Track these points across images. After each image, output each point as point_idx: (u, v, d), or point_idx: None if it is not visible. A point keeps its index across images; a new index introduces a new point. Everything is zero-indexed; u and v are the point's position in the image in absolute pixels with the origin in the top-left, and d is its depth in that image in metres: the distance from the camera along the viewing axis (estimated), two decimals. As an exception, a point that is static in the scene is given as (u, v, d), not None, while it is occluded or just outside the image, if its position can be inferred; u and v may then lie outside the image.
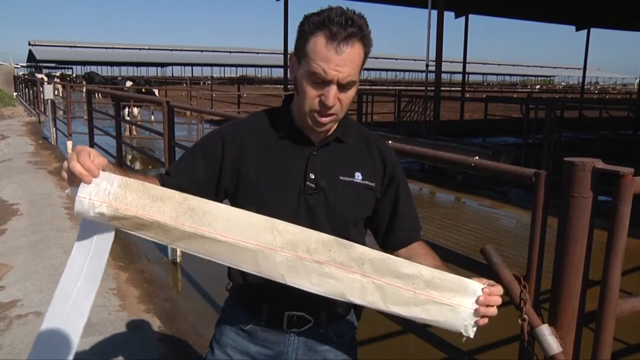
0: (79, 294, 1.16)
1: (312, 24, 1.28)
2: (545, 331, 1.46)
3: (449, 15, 15.77)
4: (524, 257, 1.59)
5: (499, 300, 1.25)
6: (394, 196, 1.48)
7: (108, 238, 1.18)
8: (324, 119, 1.33)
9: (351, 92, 1.33)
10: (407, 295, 1.21)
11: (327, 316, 1.48)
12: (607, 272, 1.39)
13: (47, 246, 4.94)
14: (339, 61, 1.25)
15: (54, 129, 12.54)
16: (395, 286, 1.20)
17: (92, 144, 8.46)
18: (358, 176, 1.42)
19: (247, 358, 1.50)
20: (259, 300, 1.46)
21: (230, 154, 1.41)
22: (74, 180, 1.12)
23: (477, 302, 1.22)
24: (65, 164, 1.13)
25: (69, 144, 11.01)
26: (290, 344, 1.47)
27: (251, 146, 1.42)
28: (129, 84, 17.32)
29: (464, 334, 1.25)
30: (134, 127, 13.53)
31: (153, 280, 4.53)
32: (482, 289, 1.23)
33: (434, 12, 12.09)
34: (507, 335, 3.35)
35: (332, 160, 1.42)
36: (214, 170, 1.42)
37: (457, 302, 1.22)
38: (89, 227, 1.17)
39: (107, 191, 1.12)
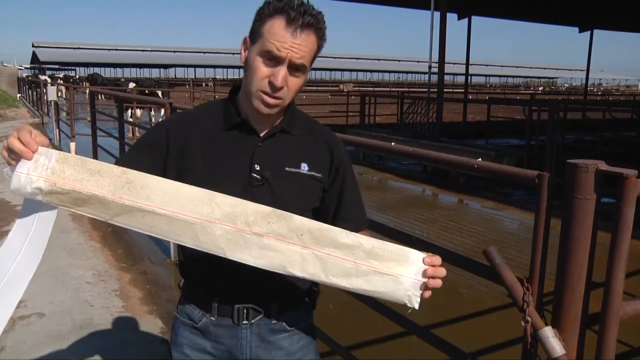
0: (15, 272, 1.15)
1: (272, 8, 1.30)
2: (549, 333, 1.46)
3: (451, 17, 15.77)
4: (527, 259, 1.59)
5: (443, 272, 1.26)
6: (340, 187, 1.49)
7: (50, 217, 1.18)
8: (271, 100, 1.34)
9: (300, 80, 1.35)
10: (348, 266, 1.21)
11: (278, 307, 1.48)
12: (610, 274, 1.39)
13: (49, 247, 4.92)
14: (294, 43, 1.28)
15: (57, 130, 12.57)
16: (336, 257, 1.20)
17: (95, 145, 8.48)
18: (304, 167, 1.42)
19: (204, 355, 1.50)
20: (208, 295, 1.47)
21: (175, 146, 1.41)
22: (14, 158, 1.13)
23: (423, 274, 1.23)
24: (4, 142, 1.14)
25: (72, 145, 11.04)
26: (243, 336, 1.47)
27: (196, 138, 1.42)
28: (131, 85, 17.34)
29: (409, 304, 1.24)
30: (137, 128, 13.54)
31: (156, 281, 4.53)
32: (424, 259, 1.24)
33: (437, 14, 12.09)
34: (509, 337, 3.35)
35: (277, 152, 1.42)
36: (158, 163, 1.41)
37: (400, 272, 1.22)
38: (31, 207, 1.17)
39: (45, 166, 1.12)
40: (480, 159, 1.94)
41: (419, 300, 1.24)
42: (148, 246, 5.28)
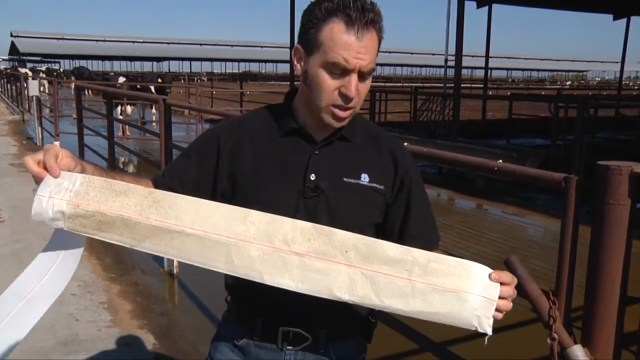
0: (39, 294, 1.20)
1: (325, 10, 1.27)
2: (578, 352, 1.45)
3: (470, 6, 15.78)
4: (553, 270, 1.58)
5: (512, 293, 1.20)
6: (406, 200, 1.46)
7: (77, 251, 1.23)
8: (344, 113, 1.33)
9: (369, 82, 1.34)
10: (402, 285, 1.16)
11: (327, 334, 1.45)
12: (646, 287, 1.38)
13: (31, 256, 4.90)
14: (360, 48, 1.26)
15: (40, 128, 12.62)
16: (387, 274, 1.16)
17: (81, 145, 8.52)
18: (364, 178, 1.41)
19: None
20: (253, 313, 1.47)
21: (226, 154, 1.43)
22: (36, 181, 1.16)
23: (492, 292, 1.17)
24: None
25: (56, 144, 11.05)
26: None
27: (248, 145, 1.43)
28: (121, 79, 17.40)
29: (479, 329, 1.17)
30: (127, 127, 13.61)
31: (147, 293, 4.54)
32: (490, 275, 1.18)
33: (454, 2, 12.09)
34: (533, 356, 3.33)
35: (335, 160, 1.41)
36: (208, 171, 1.43)
37: (463, 287, 1.16)
38: (59, 239, 1.21)
39: (68, 189, 1.14)
40: (500, 161, 1.94)
41: (491, 323, 1.17)
42: (139, 255, 5.28)
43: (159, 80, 17.97)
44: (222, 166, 1.42)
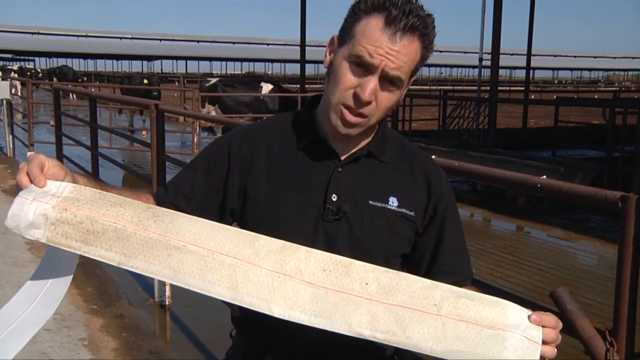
0: (23, 323, 1.22)
1: (370, 3, 1.31)
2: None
3: (509, -5, 15.78)
4: (610, 305, 1.57)
5: (557, 338, 1.20)
6: (438, 230, 1.48)
7: (66, 280, 1.24)
8: (353, 118, 1.35)
9: (393, 96, 1.35)
10: (431, 321, 1.17)
11: None
12: None
13: None
14: (391, 50, 1.29)
15: (10, 136, 12.69)
16: (414, 309, 1.17)
17: (60, 156, 8.60)
18: (393, 202, 1.43)
19: None
20: (261, 350, 1.48)
21: (238, 166, 1.45)
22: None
23: (534, 335, 1.16)
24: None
25: (30, 155, 11.14)
26: None
27: (263, 157, 1.45)
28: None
29: None
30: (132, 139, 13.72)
31: (135, 327, 4.55)
32: (529, 317, 1.18)
33: (490, -8, 12.12)
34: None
35: (361, 180, 1.43)
36: (217, 186, 1.46)
37: (501, 326, 1.17)
38: (49, 263, 1.22)
39: (55, 195, 1.17)
40: (545, 176, 1.94)
41: None
42: (126, 283, 5.31)
43: (145, 81, 18.10)
44: (232, 180, 1.45)
